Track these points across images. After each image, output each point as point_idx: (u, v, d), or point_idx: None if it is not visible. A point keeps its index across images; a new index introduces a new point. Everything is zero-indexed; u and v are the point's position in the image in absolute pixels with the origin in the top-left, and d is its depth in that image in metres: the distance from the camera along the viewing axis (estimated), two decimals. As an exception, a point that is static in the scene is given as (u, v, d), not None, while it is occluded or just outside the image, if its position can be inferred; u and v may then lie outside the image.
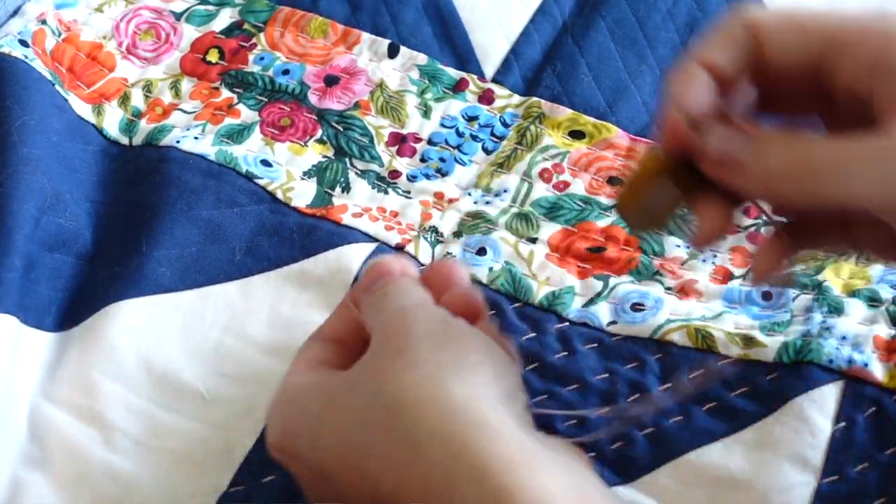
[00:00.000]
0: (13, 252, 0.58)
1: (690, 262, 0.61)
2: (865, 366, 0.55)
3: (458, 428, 0.43)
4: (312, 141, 0.66)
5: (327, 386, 0.48)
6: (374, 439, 0.45)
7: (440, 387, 0.45)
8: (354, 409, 0.46)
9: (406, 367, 0.46)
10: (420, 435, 0.44)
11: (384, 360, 0.47)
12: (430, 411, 0.44)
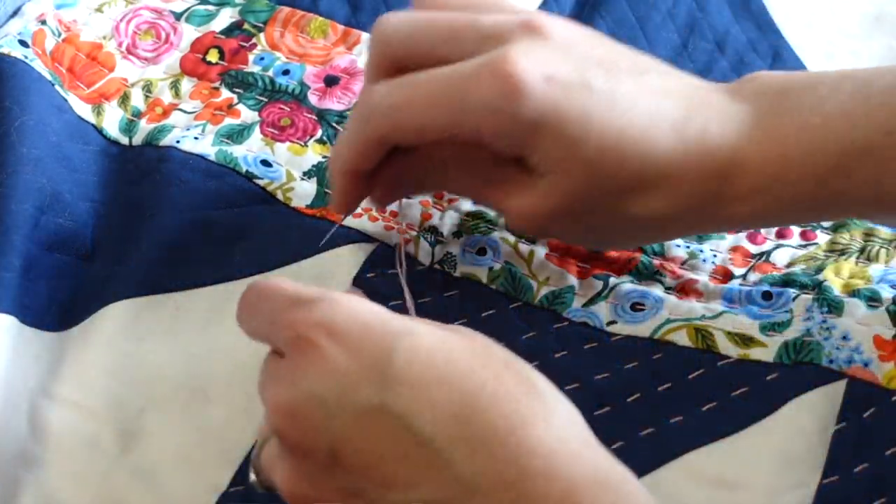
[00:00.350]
0: (12, 252, 0.58)
1: (690, 262, 0.61)
2: (866, 366, 0.55)
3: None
4: (312, 141, 0.66)
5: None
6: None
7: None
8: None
9: None
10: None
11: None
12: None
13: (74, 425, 0.55)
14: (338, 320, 0.44)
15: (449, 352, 0.44)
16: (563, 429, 0.43)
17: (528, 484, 0.41)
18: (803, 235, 0.62)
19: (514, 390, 0.43)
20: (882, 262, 0.59)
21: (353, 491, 0.44)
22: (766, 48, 0.71)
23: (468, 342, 0.45)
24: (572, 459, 0.42)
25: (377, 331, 0.44)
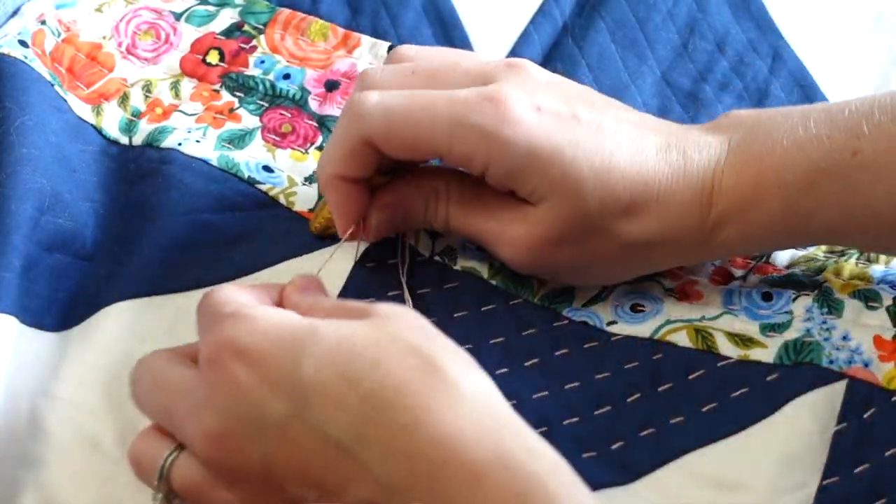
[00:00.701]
0: (11, 252, 0.58)
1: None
2: (866, 366, 0.55)
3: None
4: (313, 148, 0.66)
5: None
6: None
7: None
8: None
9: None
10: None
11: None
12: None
13: (75, 426, 0.55)
14: (243, 339, 0.46)
15: (352, 348, 0.44)
16: (469, 409, 0.43)
17: (437, 474, 0.42)
18: (804, 235, 0.62)
19: (418, 379, 0.44)
20: (882, 263, 0.59)
21: (294, 501, 0.45)
22: (766, 48, 0.71)
23: (373, 332, 0.45)
24: (477, 444, 0.42)
25: (283, 341, 0.45)
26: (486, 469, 0.42)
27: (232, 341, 0.46)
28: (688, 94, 0.69)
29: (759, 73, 0.70)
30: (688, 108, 0.68)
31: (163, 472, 0.48)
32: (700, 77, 0.69)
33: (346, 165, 0.55)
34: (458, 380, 0.44)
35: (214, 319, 0.48)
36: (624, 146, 0.53)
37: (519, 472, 0.42)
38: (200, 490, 0.47)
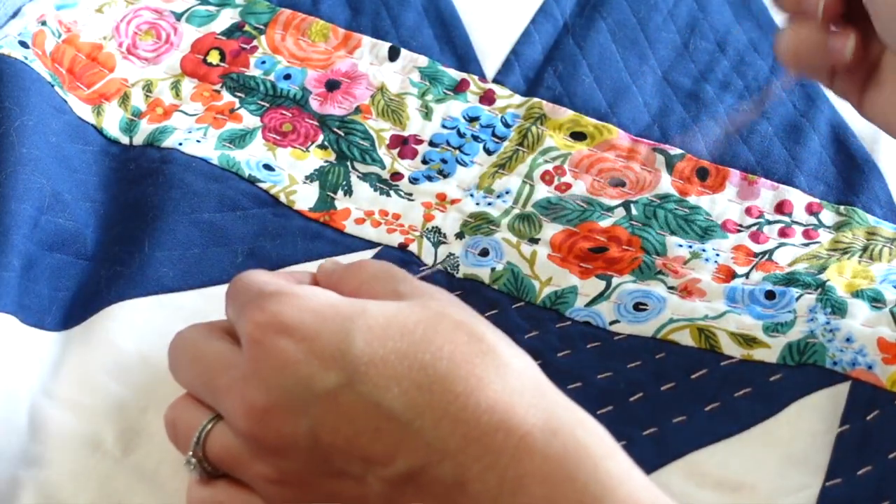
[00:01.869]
0: (11, 252, 0.58)
1: (693, 262, 0.61)
2: (870, 368, 0.55)
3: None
4: (314, 146, 0.66)
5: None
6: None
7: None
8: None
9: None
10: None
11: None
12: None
13: (75, 425, 0.55)
14: (287, 316, 0.46)
15: (403, 325, 0.45)
16: (518, 382, 0.45)
17: (489, 440, 0.43)
18: (806, 234, 0.62)
19: (469, 351, 0.45)
20: (885, 262, 0.59)
21: (337, 473, 0.45)
22: (766, 48, 0.71)
23: (420, 310, 0.46)
24: (527, 412, 0.44)
25: (330, 317, 0.46)
26: (536, 435, 0.43)
27: (278, 317, 0.46)
28: (689, 93, 0.69)
29: (760, 72, 0.70)
30: (689, 108, 0.68)
31: (199, 440, 0.48)
32: (701, 77, 0.69)
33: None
34: (506, 354, 0.46)
35: (255, 297, 0.48)
36: None
37: (568, 439, 0.43)
38: (237, 462, 0.47)
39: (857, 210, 0.63)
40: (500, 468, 0.43)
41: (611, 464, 0.43)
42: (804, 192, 0.64)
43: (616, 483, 0.43)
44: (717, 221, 0.63)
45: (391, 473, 0.44)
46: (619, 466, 0.44)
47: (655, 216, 0.63)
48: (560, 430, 0.43)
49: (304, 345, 0.45)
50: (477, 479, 0.43)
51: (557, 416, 0.44)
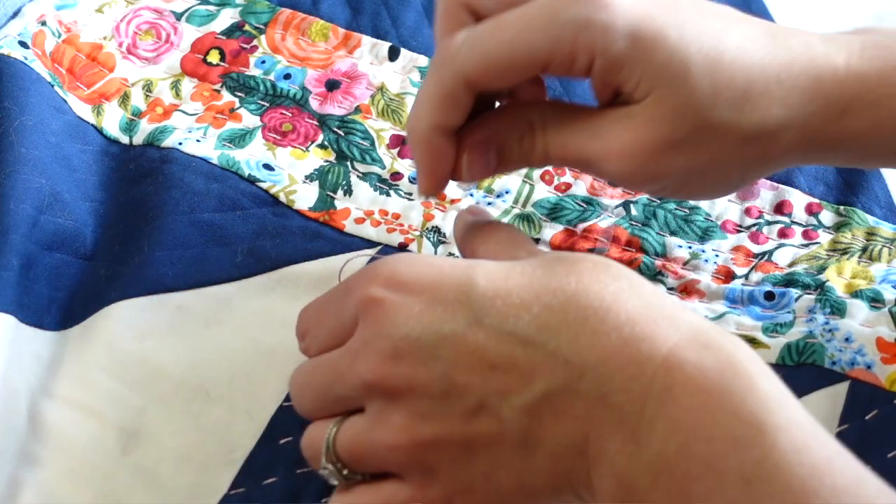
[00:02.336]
0: (10, 251, 0.58)
1: (692, 262, 0.61)
2: (868, 368, 0.54)
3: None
4: (314, 146, 0.66)
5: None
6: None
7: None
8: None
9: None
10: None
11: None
12: None
13: (75, 424, 0.55)
14: (403, 272, 0.46)
15: (521, 269, 0.45)
16: (656, 299, 0.44)
17: (632, 350, 0.42)
18: (805, 235, 0.62)
19: (598, 274, 0.44)
20: (884, 262, 0.59)
21: (474, 409, 0.44)
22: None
23: (536, 260, 0.46)
24: (671, 324, 0.43)
25: (447, 269, 0.46)
26: (684, 347, 0.42)
27: (394, 276, 0.46)
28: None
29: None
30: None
31: (328, 444, 0.47)
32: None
33: (445, 112, 0.50)
34: (636, 277, 0.45)
35: (363, 274, 0.47)
36: (734, 29, 0.48)
37: (720, 354, 0.42)
38: (365, 445, 0.46)
39: (856, 210, 0.63)
40: (645, 379, 0.42)
41: (767, 383, 0.41)
42: (804, 193, 0.64)
43: (775, 405, 0.41)
44: (717, 222, 0.63)
45: (528, 399, 0.43)
46: (777, 387, 0.42)
47: (655, 216, 0.63)
48: (710, 344, 0.42)
49: (425, 295, 0.45)
50: (620, 389, 0.42)
51: (704, 331, 0.43)
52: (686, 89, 0.47)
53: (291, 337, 0.57)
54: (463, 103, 0.49)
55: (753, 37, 0.48)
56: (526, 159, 0.52)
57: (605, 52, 0.47)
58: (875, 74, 0.48)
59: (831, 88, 0.48)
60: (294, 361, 0.57)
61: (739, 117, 0.48)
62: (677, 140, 0.48)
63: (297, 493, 0.53)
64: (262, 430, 0.55)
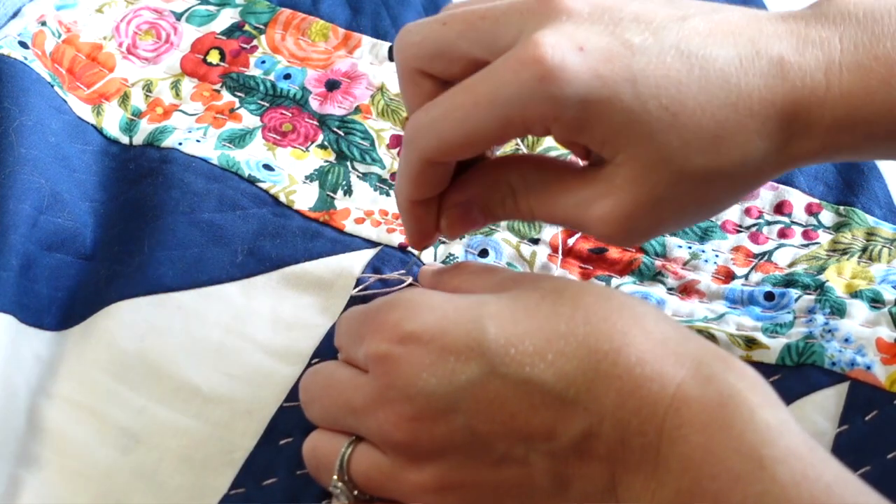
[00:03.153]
0: (9, 251, 0.58)
1: (692, 263, 0.61)
2: (868, 369, 0.54)
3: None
4: (314, 146, 0.66)
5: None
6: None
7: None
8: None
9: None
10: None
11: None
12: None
13: (75, 424, 0.55)
14: (408, 323, 0.46)
15: (526, 305, 0.45)
16: (659, 331, 0.45)
17: (644, 392, 0.43)
18: (805, 235, 0.62)
19: (603, 310, 0.45)
20: (884, 262, 0.59)
21: (501, 457, 0.45)
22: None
23: (534, 291, 0.46)
24: (676, 360, 0.44)
25: (452, 313, 0.46)
26: (690, 383, 0.43)
27: (399, 327, 0.46)
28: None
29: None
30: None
31: (343, 464, 0.48)
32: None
33: (418, 188, 0.51)
34: (638, 306, 0.45)
35: (369, 320, 0.48)
36: (696, 68, 0.45)
37: (722, 386, 0.43)
38: (389, 478, 0.47)
39: (856, 211, 0.62)
40: (657, 419, 0.43)
41: (768, 414, 0.42)
42: (804, 193, 0.64)
43: (775, 435, 0.42)
44: (717, 222, 0.63)
45: (556, 446, 0.44)
46: (777, 416, 0.42)
47: (655, 216, 0.63)
48: (713, 378, 0.43)
49: (434, 344, 0.45)
50: (637, 433, 0.43)
51: (707, 363, 0.44)
52: (654, 145, 0.46)
53: (291, 337, 0.57)
54: (433, 179, 0.50)
55: (720, 68, 0.46)
56: (513, 217, 0.52)
57: (557, 122, 0.46)
58: (861, 90, 0.46)
59: (813, 110, 0.47)
60: (294, 361, 0.57)
61: (717, 161, 0.46)
62: (658, 197, 0.47)
63: (297, 494, 0.53)
64: (263, 430, 0.55)
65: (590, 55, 0.45)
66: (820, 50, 0.47)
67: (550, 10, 0.46)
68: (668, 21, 0.47)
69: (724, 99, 0.46)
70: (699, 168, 0.46)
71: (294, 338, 0.58)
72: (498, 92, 0.46)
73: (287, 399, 0.55)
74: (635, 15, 0.47)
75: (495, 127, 0.47)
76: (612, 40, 0.46)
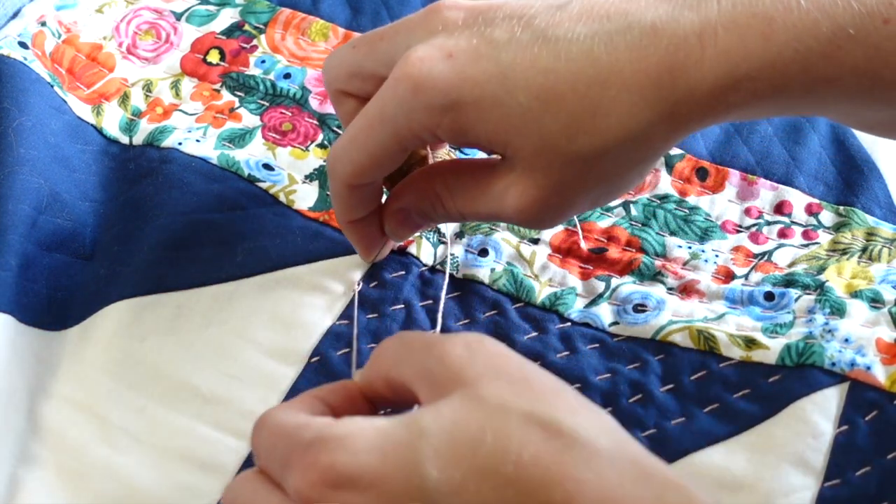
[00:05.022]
0: (8, 251, 0.58)
1: (692, 263, 0.61)
2: (868, 369, 0.54)
3: None
4: (314, 146, 0.66)
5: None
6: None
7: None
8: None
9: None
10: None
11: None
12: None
13: (74, 424, 0.55)
14: (344, 464, 0.40)
15: (469, 437, 0.40)
16: (615, 472, 0.40)
17: None
18: (805, 235, 0.62)
19: (551, 450, 0.40)
20: (884, 262, 0.59)
21: None
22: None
23: (476, 408, 0.41)
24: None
25: (390, 452, 0.40)
26: None
27: (332, 470, 0.40)
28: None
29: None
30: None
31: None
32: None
33: (349, 210, 0.55)
34: (588, 436, 0.40)
35: (296, 449, 0.42)
36: (562, 52, 0.47)
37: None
38: None
39: (856, 211, 0.63)
40: None
41: None
42: (804, 193, 0.64)
43: None
44: (717, 222, 0.63)
45: None
46: None
47: (655, 216, 0.63)
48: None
49: (371, 492, 0.40)
50: None
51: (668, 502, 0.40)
52: (535, 133, 0.47)
53: (291, 337, 0.57)
54: (362, 200, 0.54)
55: (587, 48, 0.47)
56: (447, 220, 0.55)
57: (440, 128, 0.49)
58: (739, 47, 0.46)
59: (691, 73, 0.46)
60: (293, 361, 0.57)
61: (601, 138, 0.47)
62: (557, 180, 0.48)
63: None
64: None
65: (458, 60, 0.48)
66: (696, 13, 0.47)
67: (429, 23, 0.50)
68: (542, 11, 0.48)
69: (594, 77, 0.47)
70: (585, 148, 0.47)
71: (294, 338, 0.57)
72: (385, 111, 0.49)
73: (286, 399, 0.55)
74: (510, 12, 0.49)
75: (391, 143, 0.50)
76: (480, 41, 0.48)
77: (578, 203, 0.51)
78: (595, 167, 0.48)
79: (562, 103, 0.47)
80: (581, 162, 0.48)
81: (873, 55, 0.46)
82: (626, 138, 0.47)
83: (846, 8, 0.46)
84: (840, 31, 0.46)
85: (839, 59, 0.46)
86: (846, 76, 0.47)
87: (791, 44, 0.46)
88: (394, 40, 0.50)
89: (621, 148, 0.48)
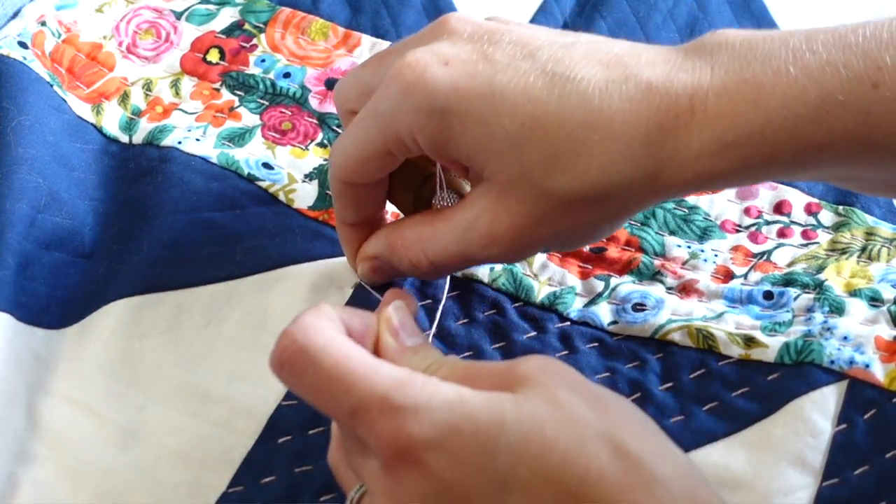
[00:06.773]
0: (6, 250, 0.58)
1: (692, 262, 0.61)
2: (867, 367, 0.54)
3: None
4: (313, 145, 0.66)
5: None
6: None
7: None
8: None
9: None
10: None
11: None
12: None
13: (73, 422, 0.55)
14: (430, 434, 0.41)
15: (543, 438, 0.41)
16: (670, 497, 0.41)
17: None
18: (804, 234, 0.62)
19: (617, 470, 0.41)
20: (883, 261, 0.59)
21: None
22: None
23: (555, 414, 0.42)
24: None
25: (473, 434, 0.41)
26: None
27: (422, 437, 0.41)
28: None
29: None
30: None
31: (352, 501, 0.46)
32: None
33: (345, 211, 0.55)
34: (654, 465, 0.41)
35: (385, 408, 0.42)
36: (557, 87, 0.47)
37: None
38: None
39: (855, 210, 0.62)
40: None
41: None
42: (803, 192, 0.64)
43: None
44: (716, 221, 0.63)
45: None
46: None
47: (654, 216, 0.63)
48: None
49: (453, 465, 0.41)
50: None
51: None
52: (515, 159, 0.48)
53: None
54: (358, 201, 0.54)
55: (583, 89, 0.47)
56: (417, 274, 0.55)
57: (422, 132, 0.48)
58: (728, 113, 0.46)
59: (680, 134, 0.47)
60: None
61: (580, 181, 0.47)
62: (531, 213, 0.48)
63: (296, 492, 0.53)
64: (261, 428, 0.55)
65: (453, 69, 0.48)
66: (689, 76, 0.47)
67: (435, 32, 0.50)
68: (549, 45, 0.49)
69: (583, 118, 0.47)
70: (562, 186, 0.47)
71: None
72: (378, 106, 0.50)
73: (286, 397, 0.55)
74: (516, 38, 0.49)
75: (379, 140, 0.50)
76: (479, 58, 0.48)
77: (547, 240, 0.50)
78: (568, 208, 0.48)
79: (546, 137, 0.47)
80: (555, 199, 0.48)
81: (863, 120, 0.46)
82: (605, 185, 0.47)
83: (834, 74, 0.46)
84: (828, 98, 0.46)
85: (829, 124, 0.46)
86: (837, 141, 0.46)
87: (780, 111, 0.46)
88: (401, 52, 0.50)
89: (597, 195, 0.48)
